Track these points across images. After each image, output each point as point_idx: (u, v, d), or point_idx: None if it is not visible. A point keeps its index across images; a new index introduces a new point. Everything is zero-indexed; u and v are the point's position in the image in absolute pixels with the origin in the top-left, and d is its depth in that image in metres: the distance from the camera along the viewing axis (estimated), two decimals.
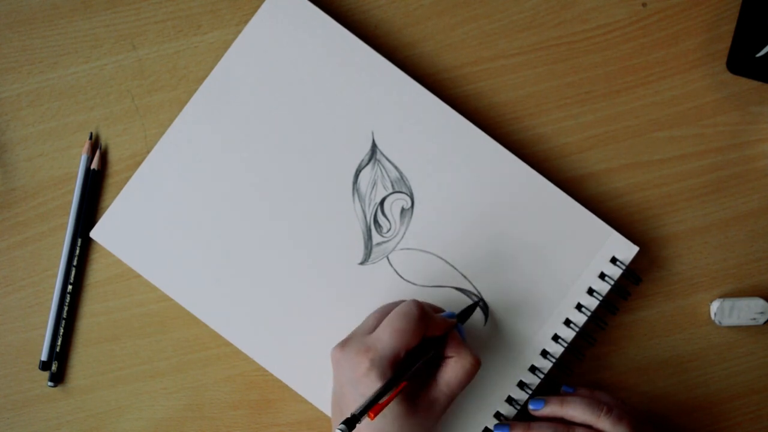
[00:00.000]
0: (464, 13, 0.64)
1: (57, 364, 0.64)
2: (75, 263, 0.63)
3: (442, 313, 0.59)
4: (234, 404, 0.64)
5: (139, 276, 0.64)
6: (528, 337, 0.62)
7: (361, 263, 0.63)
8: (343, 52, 0.63)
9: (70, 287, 0.63)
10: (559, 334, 0.62)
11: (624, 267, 0.62)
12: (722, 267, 0.64)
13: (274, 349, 0.62)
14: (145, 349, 0.64)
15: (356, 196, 0.63)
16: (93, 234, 0.63)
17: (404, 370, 0.54)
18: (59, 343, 0.63)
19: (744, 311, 0.62)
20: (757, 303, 0.62)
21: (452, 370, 0.55)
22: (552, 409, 0.60)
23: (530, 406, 0.61)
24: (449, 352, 0.56)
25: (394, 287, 0.63)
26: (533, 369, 0.62)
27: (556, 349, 0.62)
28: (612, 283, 0.62)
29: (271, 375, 0.63)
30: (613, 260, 0.62)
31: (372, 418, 0.50)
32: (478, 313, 0.62)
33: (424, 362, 0.55)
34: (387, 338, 0.53)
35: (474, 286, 0.62)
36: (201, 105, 0.63)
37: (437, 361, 0.56)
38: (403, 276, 0.63)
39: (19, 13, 0.64)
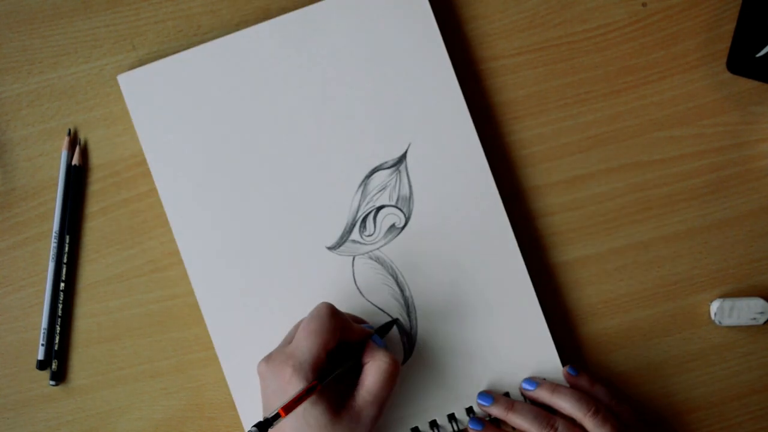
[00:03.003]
0: (464, 13, 0.64)
1: (57, 363, 0.64)
2: (65, 260, 0.63)
3: (361, 325, 0.59)
4: (234, 404, 0.64)
5: (139, 276, 0.63)
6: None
7: (330, 248, 0.62)
8: (423, 47, 0.62)
9: (62, 285, 0.63)
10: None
11: None
12: (722, 267, 0.64)
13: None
14: (145, 349, 0.64)
15: (361, 189, 0.63)
16: (120, 78, 0.63)
17: (326, 374, 0.54)
18: (56, 341, 0.63)
19: (744, 311, 0.62)
20: (757, 303, 0.62)
21: (370, 374, 0.55)
22: (542, 394, 0.60)
23: (522, 385, 0.61)
24: (366, 359, 0.56)
25: (343, 286, 0.62)
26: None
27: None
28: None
29: None
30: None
31: (283, 415, 0.50)
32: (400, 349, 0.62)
33: (345, 367, 0.55)
34: (303, 342, 0.54)
35: (412, 329, 0.62)
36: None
37: (358, 370, 0.56)
38: (356, 281, 0.62)
39: (19, 13, 0.64)
